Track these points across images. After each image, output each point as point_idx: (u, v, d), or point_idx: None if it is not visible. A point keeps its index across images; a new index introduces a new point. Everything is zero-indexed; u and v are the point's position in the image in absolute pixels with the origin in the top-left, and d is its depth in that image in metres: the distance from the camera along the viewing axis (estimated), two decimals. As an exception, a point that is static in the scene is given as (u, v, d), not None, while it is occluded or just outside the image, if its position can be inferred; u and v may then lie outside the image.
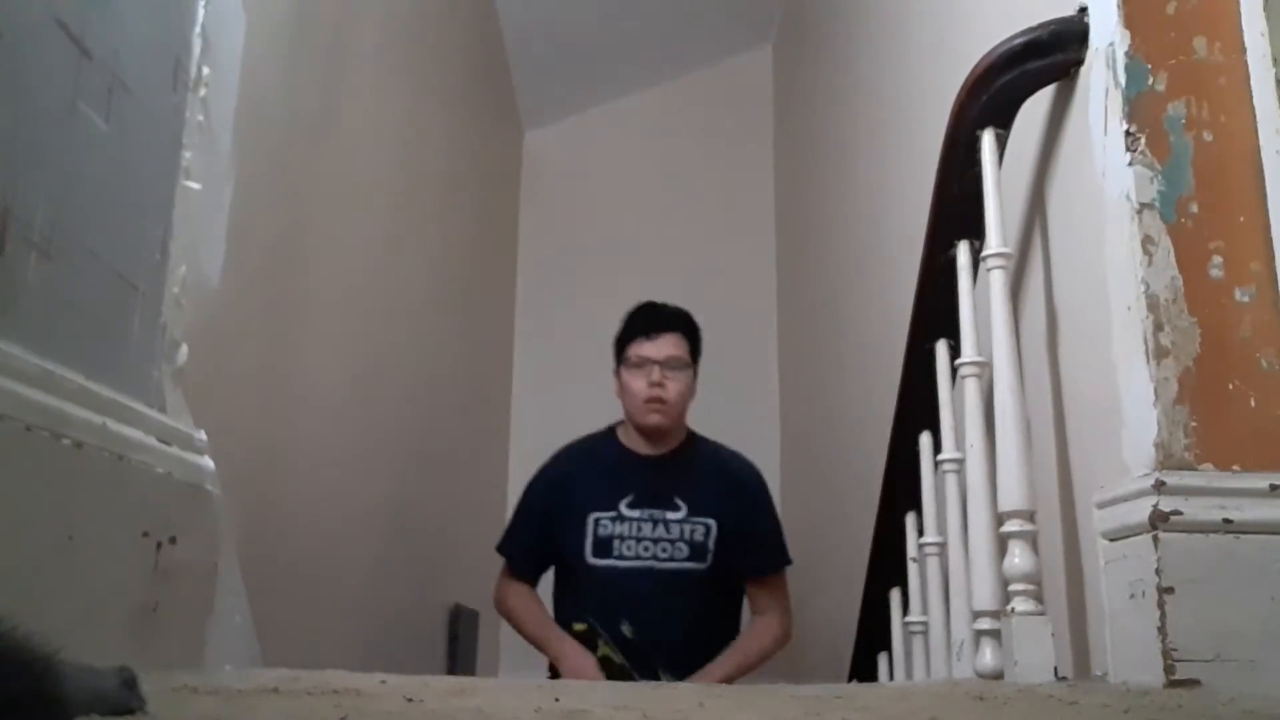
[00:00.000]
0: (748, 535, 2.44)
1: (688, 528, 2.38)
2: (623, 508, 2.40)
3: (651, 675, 2.17)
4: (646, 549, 2.37)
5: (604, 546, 2.39)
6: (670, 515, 2.39)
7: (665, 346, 2.43)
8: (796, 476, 3.88)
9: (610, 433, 2.54)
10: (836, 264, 3.36)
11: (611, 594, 2.33)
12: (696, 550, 2.37)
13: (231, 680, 1.08)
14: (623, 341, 2.47)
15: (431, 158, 3.18)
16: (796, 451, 3.92)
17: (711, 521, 2.40)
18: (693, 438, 2.52)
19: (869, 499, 2.30)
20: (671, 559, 2.36)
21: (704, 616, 2.39)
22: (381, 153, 2.60)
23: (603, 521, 2.39)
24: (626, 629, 2.26)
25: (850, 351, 3.09)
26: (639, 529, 2.38)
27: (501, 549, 2.54)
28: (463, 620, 3.25)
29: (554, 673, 2.40)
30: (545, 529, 2.47)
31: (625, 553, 2.37)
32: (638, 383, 2.40)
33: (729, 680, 2.31)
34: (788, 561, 2.51)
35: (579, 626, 2.30)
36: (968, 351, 1.64)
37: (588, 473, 2.48)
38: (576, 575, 2.42)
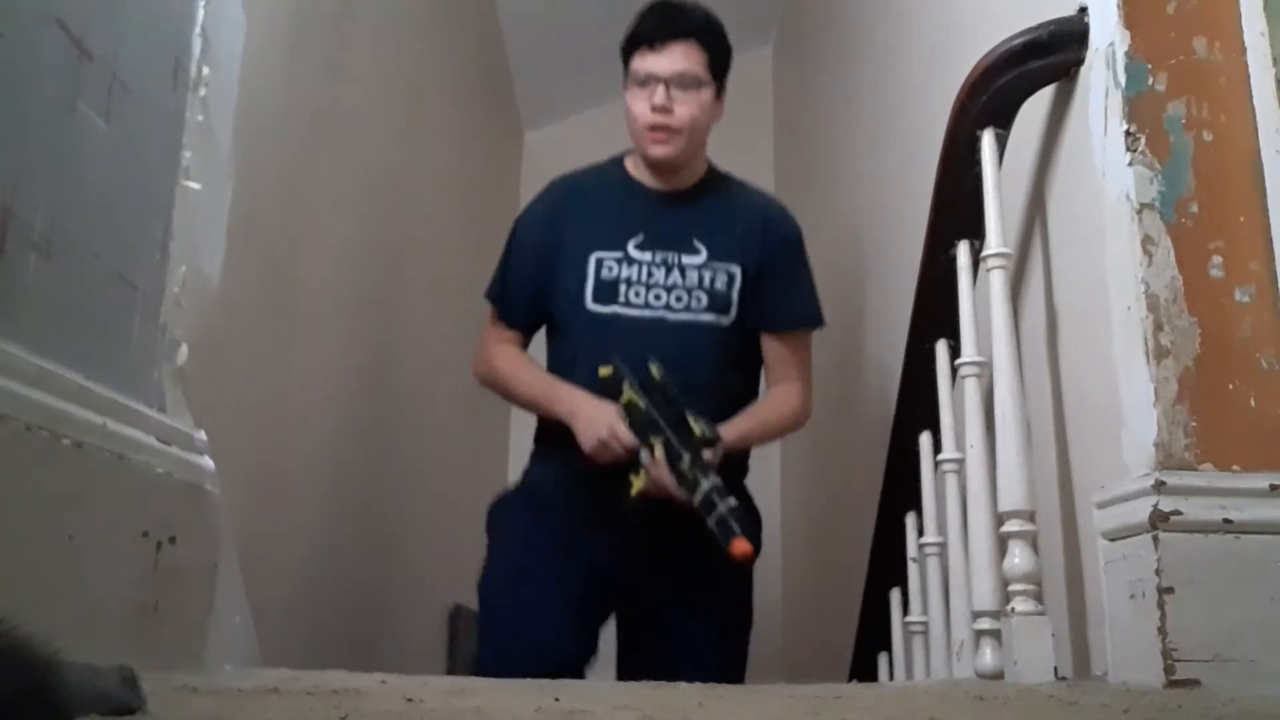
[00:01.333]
0: (776, 283, 2.02)
1: (707, 274, 1.97)
2: (631, 248, 1.98)
3: (680, 425, 1.81)
4: (658, 297, 1.96)
5: (608, 291, 1.97)
6: (687, 260, 1.98)
7: (675, 59, 1.97)
8: (796, 477, 3.88)
9: (617, 162, 2.11)
10: (836, 264, 3.36)
11: (617, 345, 1.92)
12: (717, 300, 1.97)
13: (231, 680, 1.08)
14: (627, 51, 2.03)
15: (431, 158, 3.18)
16: (796, 452, 3.92)
17: (735, 268, 1.98)
18: (716, 172, 2.12)
19: (869, 498, 2.30)
20: (688, 309, 1.96)
21: (722, 380, 1.98)
22: (381, 153, 2.60)
23: (607, 263, 1.98)
24: (655, 369, 1.84)
25: (850, 351, 3.09)
26: (649, 274, 1.97)
27: (491, 294, 2.11)
28: (463, 620, 3.25)
29: (543, 443, 2.06)
30: (540, 270, 2.04)
31: (633, 299, 1.96)
32: (639, 104, 1.98)
33: (746, 442, 1.98)
34: (820, 322, 2.09)
35: (604, 370, 1.88)
36: (968, 351, 1.64)
37: (588, 206, 2.06)
38: (573, 328, 2.01)
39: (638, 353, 1.87)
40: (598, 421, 1.85)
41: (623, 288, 1.96)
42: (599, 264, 1.98)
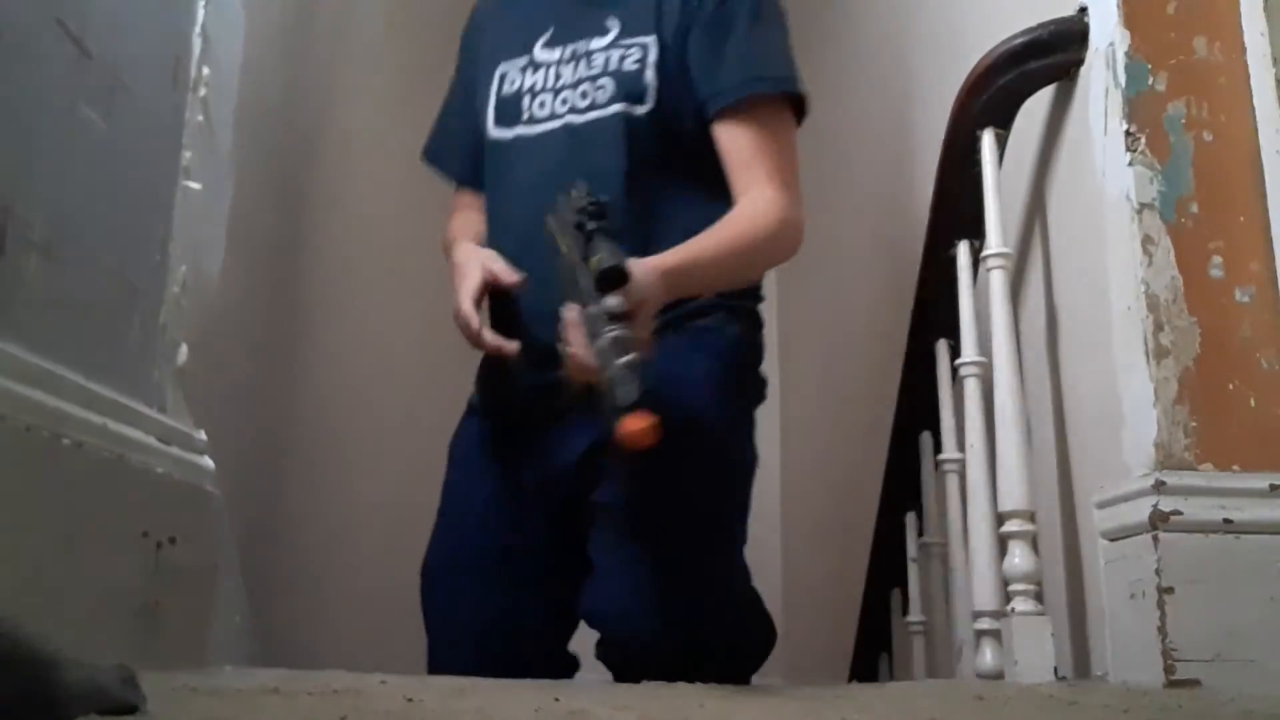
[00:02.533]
0: (709, 42, 1.52)
1: (615, 54, 1.53)
2: (537, 50, 1.59)
3: (583, 253, 1.25)
4: (565, 101, 1.54)
5: (511, 109, 1.58)
6: (595, 44, 1.55)
7: None
8: (797, 476, 3.88)
9: None
10: (836, 264, 3.37)
11: (521, 176, 1.54)
12: (626, 84, 1.51)
13: (231, 680, 1.08)
14: None
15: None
16: (797, 452, 3.92)
17: (649, 39, 1.52)
18: None
19: (869, 498, 2.30)
20: (593, 105, 1.52)
21: (658, 190, 1.50)
22: (382, 152, 2.60)
23: (510, 75, 1.60)
24: (578, 191, 1.33)
25: (850, 351, 3.09)
26: (557, 75, 1.56)
27: (424, 153, 1.75)
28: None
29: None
30: (469, 103, 1.66)
31: (538, 113, 1.55)
32: None
33: (692, 278, 1.38)
34: (788, 85, 1.57)
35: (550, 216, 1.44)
36: (968, 351, 1.64)
37: (505, 10, 1.71)
38: (485, 165, 1.62)
39: (546, 181, 1.45)
40: (455, 296, 1.46)
41: (526, 101, 1.57)
42: (501, 78, 1.61)
